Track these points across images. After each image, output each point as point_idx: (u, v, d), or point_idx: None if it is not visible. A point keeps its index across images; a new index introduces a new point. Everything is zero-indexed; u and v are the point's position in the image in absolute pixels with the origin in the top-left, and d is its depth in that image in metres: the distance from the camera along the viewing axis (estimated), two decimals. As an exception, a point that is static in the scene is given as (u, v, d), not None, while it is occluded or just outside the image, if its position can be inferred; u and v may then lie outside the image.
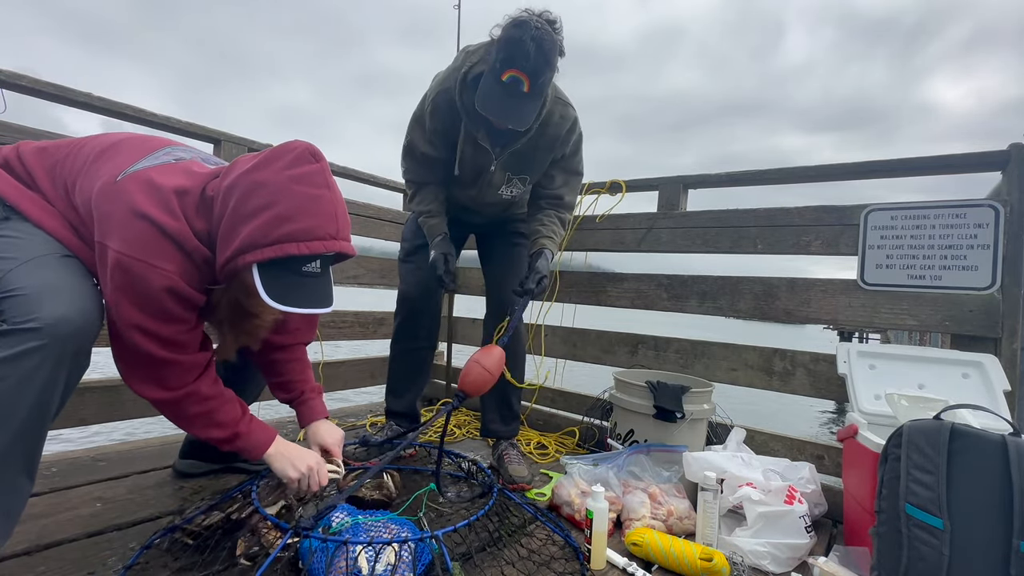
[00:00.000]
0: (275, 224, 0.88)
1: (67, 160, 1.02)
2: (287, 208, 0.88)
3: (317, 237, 0.90)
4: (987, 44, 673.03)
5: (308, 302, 0.92)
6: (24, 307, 0.85)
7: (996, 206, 1.43)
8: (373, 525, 1.04)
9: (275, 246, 0.87)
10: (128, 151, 1.01)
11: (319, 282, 0.94)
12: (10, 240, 0.93)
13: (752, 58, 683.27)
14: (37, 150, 1.04)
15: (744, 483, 1.30)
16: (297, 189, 0.90)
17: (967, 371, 1.37)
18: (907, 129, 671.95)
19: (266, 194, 0.89)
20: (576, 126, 1.51)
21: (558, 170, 1.59)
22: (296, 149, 0.93)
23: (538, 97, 1.29)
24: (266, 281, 0.88)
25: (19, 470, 0.89)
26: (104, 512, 1.22)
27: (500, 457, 1.65)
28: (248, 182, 0.90)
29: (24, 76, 1.45)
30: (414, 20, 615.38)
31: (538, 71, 1.22)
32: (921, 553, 0.92)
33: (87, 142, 1.05)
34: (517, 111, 1.28)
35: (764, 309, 1.78)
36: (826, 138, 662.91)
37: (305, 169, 0.92)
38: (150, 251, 0.90)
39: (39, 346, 0.84)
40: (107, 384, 1.59)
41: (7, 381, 0.83)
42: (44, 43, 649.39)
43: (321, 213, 0.91)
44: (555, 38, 1.25)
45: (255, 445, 1.09)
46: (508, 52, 1.22)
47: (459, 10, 2.36)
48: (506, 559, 1.12)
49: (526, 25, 1.21)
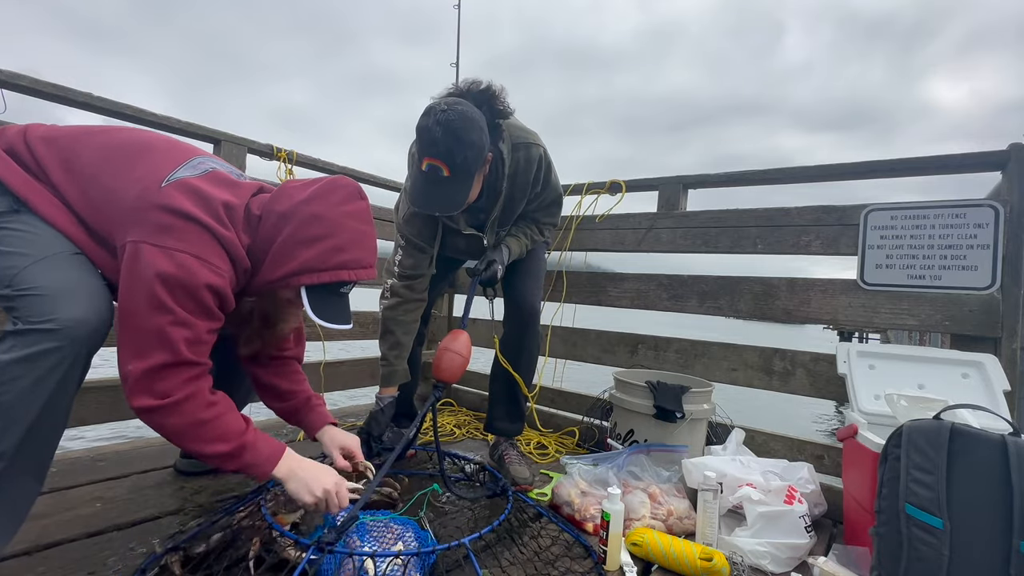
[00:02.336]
0: (332, 253, 1.02)
1: (83, 152, 1.01)
2: (342, 240, 1.03)
3: (362, 266, 1.05)
4: (986, 44, 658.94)
5: (341, 318, 1.06)
6: (40, 307, 0.86)
7: (996, 206, 1.43)
8: (375, 525, 1.04)
9: (331, 271, 1.02)
10: (162, 155, 1.04)
11: (347, 301, 1.11)
12: (22, 234, 0.93)
13: (751, 58, 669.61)
14: (46, 140, 1.02)
15: (744, 483, 1.30)
16: (351, 224, 1.05)
17: (967, 371, 1.37)
18: (906, 129, 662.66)
19: (324, 226, 1.02)
20: (542, 161, 1.51)
21: (534, 205, 1.61)
22: (348, 187, 1.07)
23: (464, 177, 1.28)
24: (312, 300, 1.02)
25: (28, 472, 0.89)
26: (104, 512, 1.22)
27: (501, 457, 1.65)
28: (307, 213, 1.02)
29: (24, 76, 1.44)
30: (414, 20, 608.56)
31: (451, 152, 1.22)
32: (921, 553, 0.92)
33: (100, 133, 1.05)
34: (442, 197, 1.29)
35: (764, 309, 1.78)
36: (825, 138, 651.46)
37: (356, 207, 1.07)
38: (204, 250, 0.95)
39: (56, 347, 0.85)
40: (107, 384, 1.59)
41: (21, 381, 0.83)
42: (44, 43, 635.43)
43: (366, 247, 1.07)
44: (467, 113, 1.24)
45: (263, 460, 1.00)
46: (420, 142, 1.26)
47: (459, 10, 2.35)
48: (508, 559, 1.12)
49: (431, 111, 1.24)
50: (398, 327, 1.57)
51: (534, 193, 1.55)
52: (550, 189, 1.61)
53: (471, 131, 1.23)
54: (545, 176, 1.55)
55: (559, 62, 62.16)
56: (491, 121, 1.35)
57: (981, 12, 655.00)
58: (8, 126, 1.05)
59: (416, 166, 1.29)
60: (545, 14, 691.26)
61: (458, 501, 1.37)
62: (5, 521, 0.88)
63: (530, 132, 1.50)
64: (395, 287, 1.58)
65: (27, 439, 0.85)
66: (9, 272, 0.89)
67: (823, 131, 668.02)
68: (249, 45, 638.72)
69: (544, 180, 1.55)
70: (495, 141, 1.39)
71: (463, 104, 1.26)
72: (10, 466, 0.85)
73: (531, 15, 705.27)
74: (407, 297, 1.58)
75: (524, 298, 1.63)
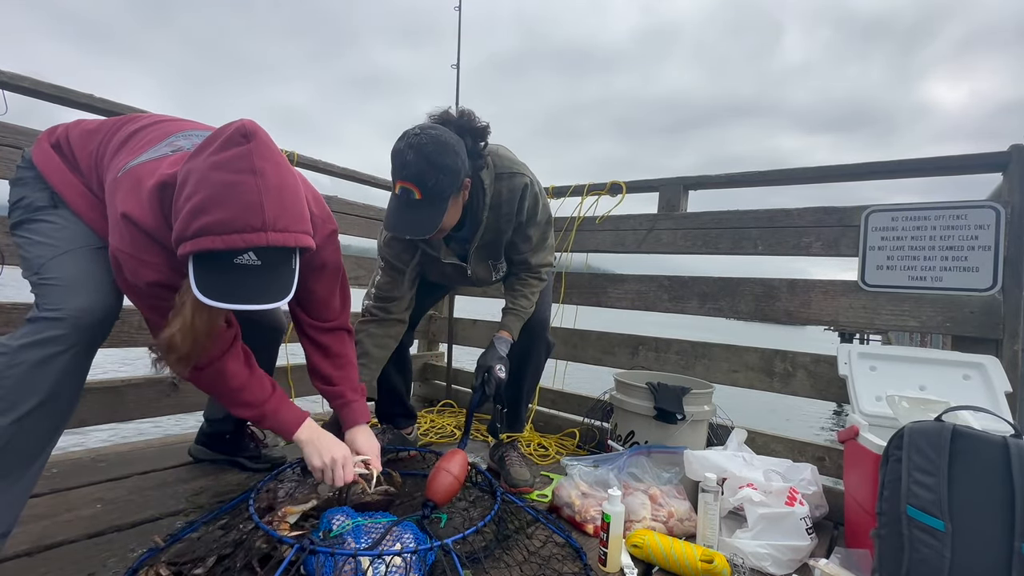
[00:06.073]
0: (192, 217, 0.80)
1: (103, 144, 1.05)
2: (202, 199, 0.80)
3: (235, 230, 0.80)
4: (985, 45, 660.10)
5: (240, 297, 0.83)
6: (54, 296, 0.93)
7: (997, 207, 1.43)
8: (373, 527, 1.04)
9: (193, 240, 0.80)
10: (140, 142, 1.02)
11: (258, 275, 0.84)
12: (56, 227, 1.01)
13: (749, 59, 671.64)
14: (84, 133, 1.08)
15: (745, 484, 1.30)
16: (215, 177, 0.81)
17: (968, 372, 1.37)
18: (905, 130, 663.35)
19: (191, 184, 0.82)
20: (527, 191, 1.46)
21: (520, 237, 1.55)
22: (227, 131, 0.84)
23: (436, 201, 1.25)
24: (198, 274, 0.82)
25: (20, 461, 0.90)
26: (105, 513, 1.22)
27: (501, 459, 1.65)
28: (183, 172, 0.84)
29: (26, 78, 1.45)
30: (415, 21, 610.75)
31: (422, 175, 1.20)
32: (922, 555, 0.92)
33: (123, 124, 1.07)
34: (414, 221, 1.26)
35: (765, 310, 1.77)
36: (824, 139, 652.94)
37: (228, 154, 0.82)
38: (136, 246, 0.90)
39: (60, 335, 0.90)
40: (108, 385, 1.59)
41: (26, 365, 0.87)
42: (47, 45, 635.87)
43: (237, 203, 0.80)
44: (441, 137, 1.23)
45: (283, 426, 1.12)
46: (393, 165, 1.25)
47: (460, 12, 2.35)
48: (506, 562, 1.11)
49: (405, 135, 1.23)
50: (369, 338, 1.53)
51: (519, 222, 1.49)
52: (537, 223, 1.54)
53: (444, 155, 1.21)
54: (531, 207, 1.48)
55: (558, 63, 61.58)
56: (473, 148, 1.33)
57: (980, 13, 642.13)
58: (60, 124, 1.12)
59: (392, 190, 1.28)
60: (544, 14, 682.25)
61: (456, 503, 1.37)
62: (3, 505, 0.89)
63: (517, 163, 1.47)
64: (370, 307, 1.58)
65: (22, 424, 0.88)
66: (39, 261, 0.97)
67: (822, 132, 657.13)
68: (249, 46, 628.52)
69: (530, 210, 1.48)
70: (477, 169, 1.37)
71: (438, 129, 1.25)
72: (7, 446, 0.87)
73: (530, 15, 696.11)
74: (381, 318, 1.56)
75: (533, 315, 1.61)
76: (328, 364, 1.26)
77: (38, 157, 1.06)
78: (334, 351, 1.27)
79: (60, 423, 0.96)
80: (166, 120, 1.10)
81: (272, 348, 1.51)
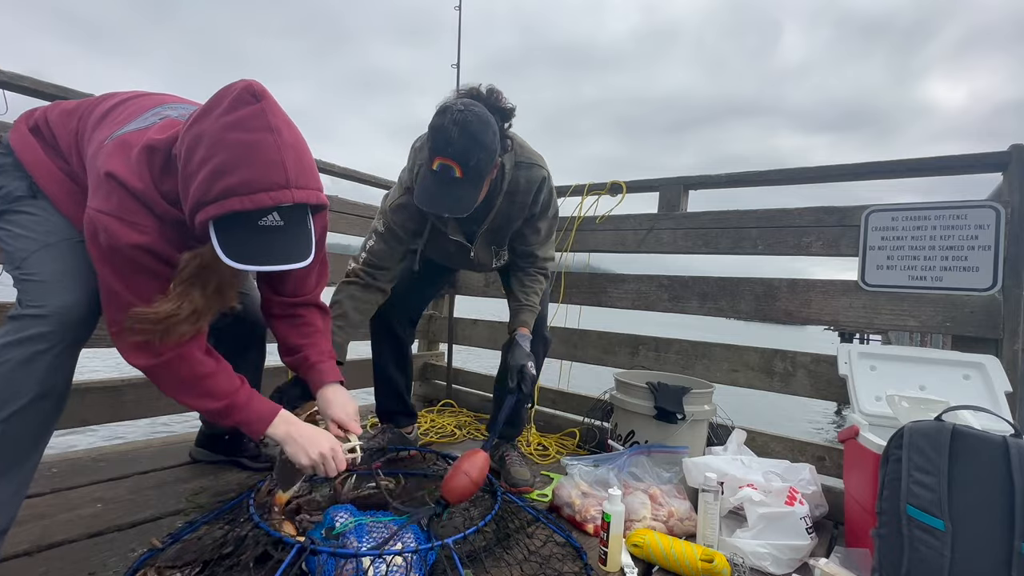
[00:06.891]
0: (213, 179, 0.79)
1: (83, 121, 1.02)
2: (223, 160, 0.79)
3: (261, 188, 0.79)
4: (984, 45, 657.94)
5: (269, 258, 0.83)
6: (36, 293, 0.91)
7: (997, 207, 1.43)
8: (375, 526, 1.04)
9: (217, 203, 0.79)
10: (124, 113, 0.99)
11: (283, 236, 0.84)
12: (36, 219, 0.99)
13: (749, 59, 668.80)
14: (64, 113, 1.05)
15: (745, 484, 1.30)
16: (231, 137, 0.80)
17: (968, 372, 1.37)
18: (905, 129, 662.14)
19: (204, 147, 0.80)
20: (544, 184, 1.46)
21: (530, 229, 1.55)
22: (233, 91, 0.82)
23: (476, 180, 1.24)
24: (222, 238, 0.81)
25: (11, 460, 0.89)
26: (105, 513, 1.22)
27: (502, 458, 1.65)
28: (190, 137, 0.83)
29: (26, 77, 1.45)
30: (415, 21, 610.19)
31: (466, 153, 1.18)
32: (922, 555, 0.92)
33: (101, 100, 1.05)
34: (452, 199, 1.24)
35: (765, 310, 1.77)
36: (823, 139, 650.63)
37: (241, 113, 0.81)
38: (123, 207, 0.87)
39: (45, 332, 0.89)
40: (108, 385, 1.59)
41: (6, 365, 0.86)
42: (47, 45, 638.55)
43: (260, 161, 0.80)
44: (483, 116, 1.21)
45: (255, 419, 1.01)
46: (434, 141, 1.20)
47: (460, 11, 2.36)
48: (507, 561, 1.12)
49: (448, 110, 1.20)
50: (350, 300, 1.45)
51: (532, 213, 1.50)
52: (548, 217, 1.55)
53: (486, 133, 1.20)
54: (546, 200, 1.49)
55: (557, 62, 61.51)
56: (501, 128, 1.30)
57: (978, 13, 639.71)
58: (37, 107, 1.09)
59: (426, 165, 1.24)
60: (543, 14, 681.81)
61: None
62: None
63: (536, 154, 1.47)
64: (357, 270, 1.48)
65: (16, 420, 0.87)
66: (20, 254, 0.96)
67: (821, 132, 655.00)
68: (248, 45, 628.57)
69: (544, 203, 1.50)
70: (501, 151, 1.34)
71: (478, 106, 1.23)
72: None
73: (529, 15, 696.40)
74: (366, 281, 1.47)
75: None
76: (295, 333, 1.19)
77: (16, 141, 1.03)
78: (301, 320, 1.20)
79: (50, 421, 0.95)
80: (145, 94, 1.08)
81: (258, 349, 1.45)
